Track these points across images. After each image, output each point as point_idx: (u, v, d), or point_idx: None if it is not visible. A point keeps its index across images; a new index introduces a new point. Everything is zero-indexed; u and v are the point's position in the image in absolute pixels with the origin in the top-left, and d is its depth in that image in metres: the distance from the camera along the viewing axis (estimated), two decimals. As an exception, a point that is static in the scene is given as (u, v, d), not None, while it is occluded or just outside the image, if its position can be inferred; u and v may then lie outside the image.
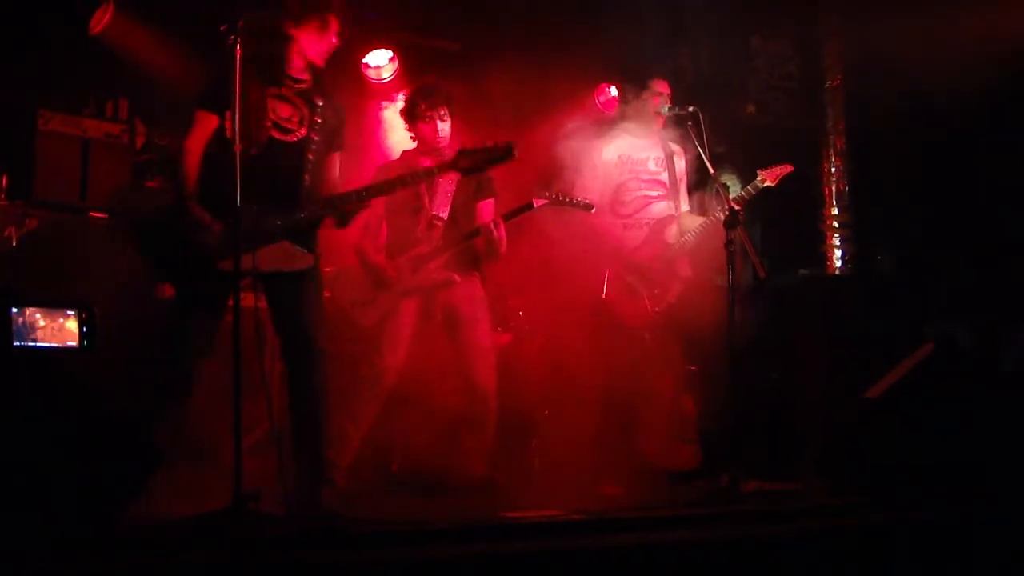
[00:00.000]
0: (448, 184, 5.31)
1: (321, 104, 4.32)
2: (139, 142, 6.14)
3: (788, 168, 5.50)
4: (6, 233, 5.32)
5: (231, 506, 3.84)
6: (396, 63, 6.86)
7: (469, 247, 5.23)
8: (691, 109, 5.32)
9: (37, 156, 5.76)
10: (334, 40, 4.31)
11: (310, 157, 4.26)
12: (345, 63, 6.64)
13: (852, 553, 4.10)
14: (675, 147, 5.68)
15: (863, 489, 5.05)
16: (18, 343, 4.02)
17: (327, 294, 5.45)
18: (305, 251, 4.24)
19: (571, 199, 5.35)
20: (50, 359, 4.05)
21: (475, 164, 4.41)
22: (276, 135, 4.24)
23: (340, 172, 4.53)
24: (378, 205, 5.29)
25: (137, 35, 6.18)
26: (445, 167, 4.47)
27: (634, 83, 5.61)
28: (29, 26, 5.74)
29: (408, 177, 4.43)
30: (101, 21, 6.08)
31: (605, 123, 5.83)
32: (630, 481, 5.34)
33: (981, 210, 7.03)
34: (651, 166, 5.61)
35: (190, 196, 4.18)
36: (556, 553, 3.74)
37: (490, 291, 6.03)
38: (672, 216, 5.58)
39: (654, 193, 5.58)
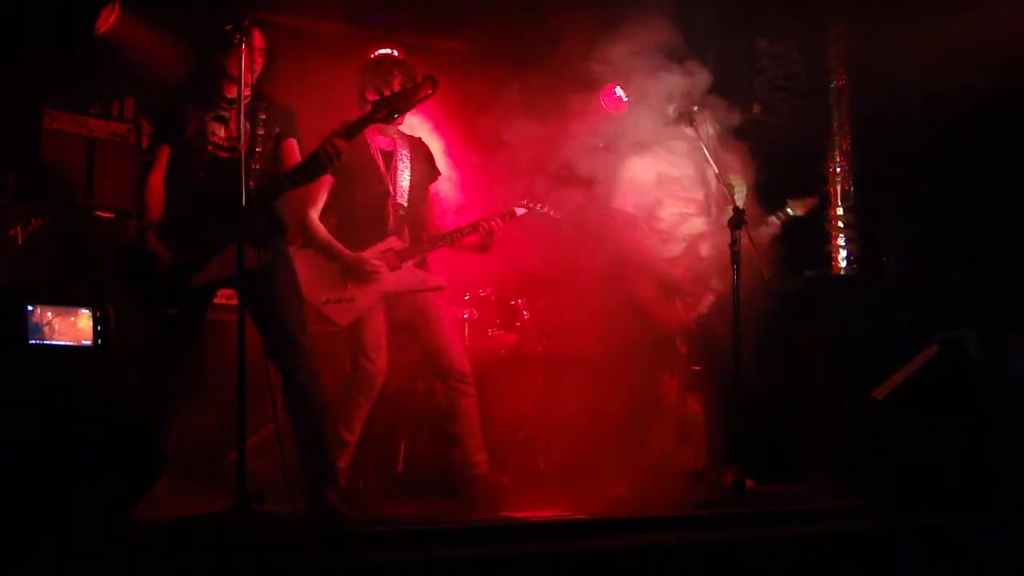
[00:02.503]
0: (404, 168, 5.16)
1: (264, 117, 4.43)
2: (145, 142, 6.13)
3: (816, 199, 5.59)
4: (12, 232, 5.32)
5: (235, 506, 3.84)
6: (401, 62, 6.87)
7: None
8: (695, 109, 5.32)
9: (43, 156, 5.77)
10: (259, 60, 4.42)
11: (254, 166, 4.34)
12: (351, 62, 6.64)
13: (857, 555, 4.09)
14: (714, 165, 5.72)
15: (868, 491, 5.04)
16: (33, 341, 4.03)
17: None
18: (261, 249, 4.21)
19: (543, 208, 5.36)
20: (63, 357, 4.07)
21: (392, 110, 4.36)
22: (220, 154, 4.37)
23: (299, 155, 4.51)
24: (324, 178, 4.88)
25: (143, 35, 6.18)
26: (363, 122, 4.32)
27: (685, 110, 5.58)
28: (35, 26, 5.74)
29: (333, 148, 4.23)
30: (107, 21, 6.08)
31: (644, 137, 5.83)
32: (635, 482, 5.34)
33: (987, 211, 7.01)
34: (688, 185, 5.62)
35: (149, 226, 4.31)
36: (561, 554, 3.74)
37: (496, 293, 6.07)
38: (707, 232, 5.63)
39: (690, 210, 5.62)
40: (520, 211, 5.31)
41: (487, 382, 5.64)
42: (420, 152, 5.29)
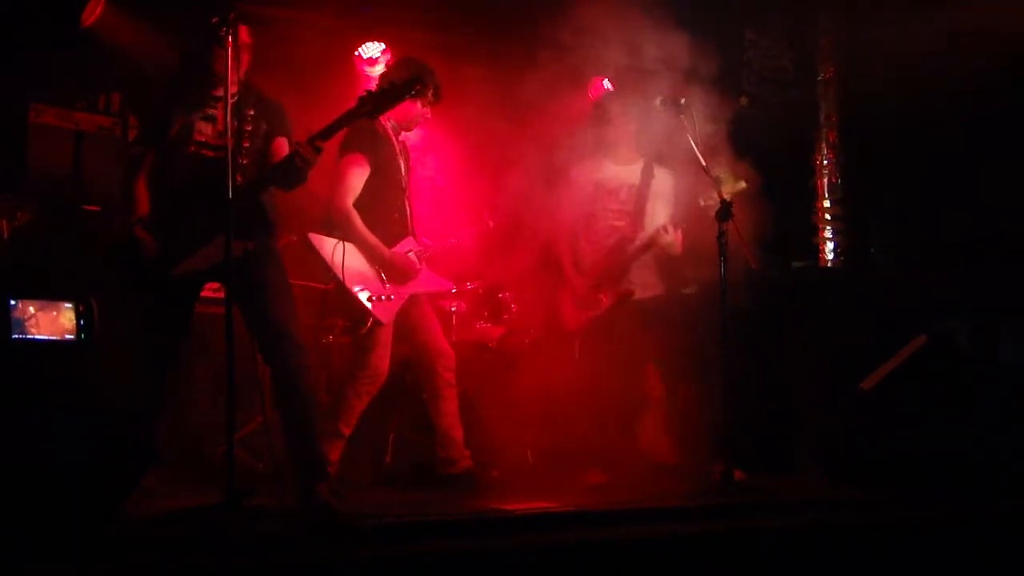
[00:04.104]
0: (407, 168, 5.19)
1: (252, 113, 4.41)
2: (132, 135, 6.12)
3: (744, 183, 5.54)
4: (-2, 226, 5.32)
5: (225, 502, 3.84)
6: (388, 55, 6.85)
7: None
8: (683, 101, 5.32)
9: (29, 149, 5.75)
10: (245, 56, 4.39)
11: (243, 162, 4.32)
12: (339, 55, 6.63)
13: (844, 546, 4.11)
14: (663, 169, 5.69)
15: (856, 481, 5.06)
16: (16, 335, 4.02)
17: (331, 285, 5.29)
18: (243, 240, 4.19)
19: (490, 223, 5.49)
20: (47, 351, 4.06)
21: (378, 107, 4.32)
22: (206, 153, 4.34)
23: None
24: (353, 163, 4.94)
25: (129, 28, 6.16)
26: (348, 117, 4.26)
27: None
28: (21, 19, 5.71)
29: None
30: (93, 13, 6.07)
31: (589, 140, 5.83)
32: (623, 474, 5.35)
33: (974, 202, 7.04)
34: (621, 197, 5.61)
35: (137, 221, 4.30)
36: (550, 546, 3.75)
37: (484, 286, 6.09)
38: (635, 234, 5.63)
39: (620, 223, 5.62)
40: (492, 223, 5.48)
41: (475, 375, 5.66)
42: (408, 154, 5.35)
